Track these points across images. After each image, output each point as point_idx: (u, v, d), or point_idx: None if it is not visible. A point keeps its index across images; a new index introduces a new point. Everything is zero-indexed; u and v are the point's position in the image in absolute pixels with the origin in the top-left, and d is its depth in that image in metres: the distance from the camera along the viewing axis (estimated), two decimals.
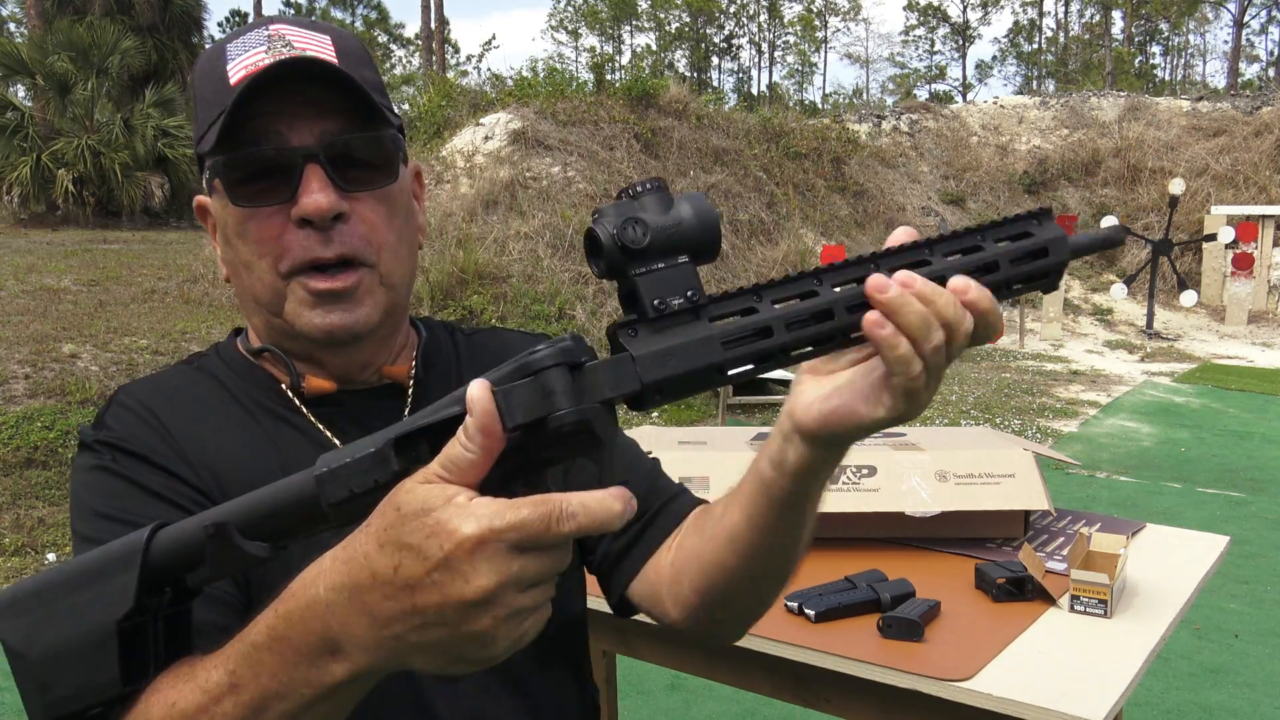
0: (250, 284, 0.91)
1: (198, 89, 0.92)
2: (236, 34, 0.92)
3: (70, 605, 0.65)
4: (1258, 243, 13.45)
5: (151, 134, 16.15)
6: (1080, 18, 51.56)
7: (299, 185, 0.86)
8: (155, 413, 0.90)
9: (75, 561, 0.67)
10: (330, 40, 0.92)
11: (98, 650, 0.64)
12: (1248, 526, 5.22)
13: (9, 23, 34.78)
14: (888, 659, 1.57)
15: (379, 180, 0.91)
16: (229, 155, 0.86)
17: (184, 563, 0.64)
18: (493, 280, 9.00)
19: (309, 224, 0.87)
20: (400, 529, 0.55)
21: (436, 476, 0.55)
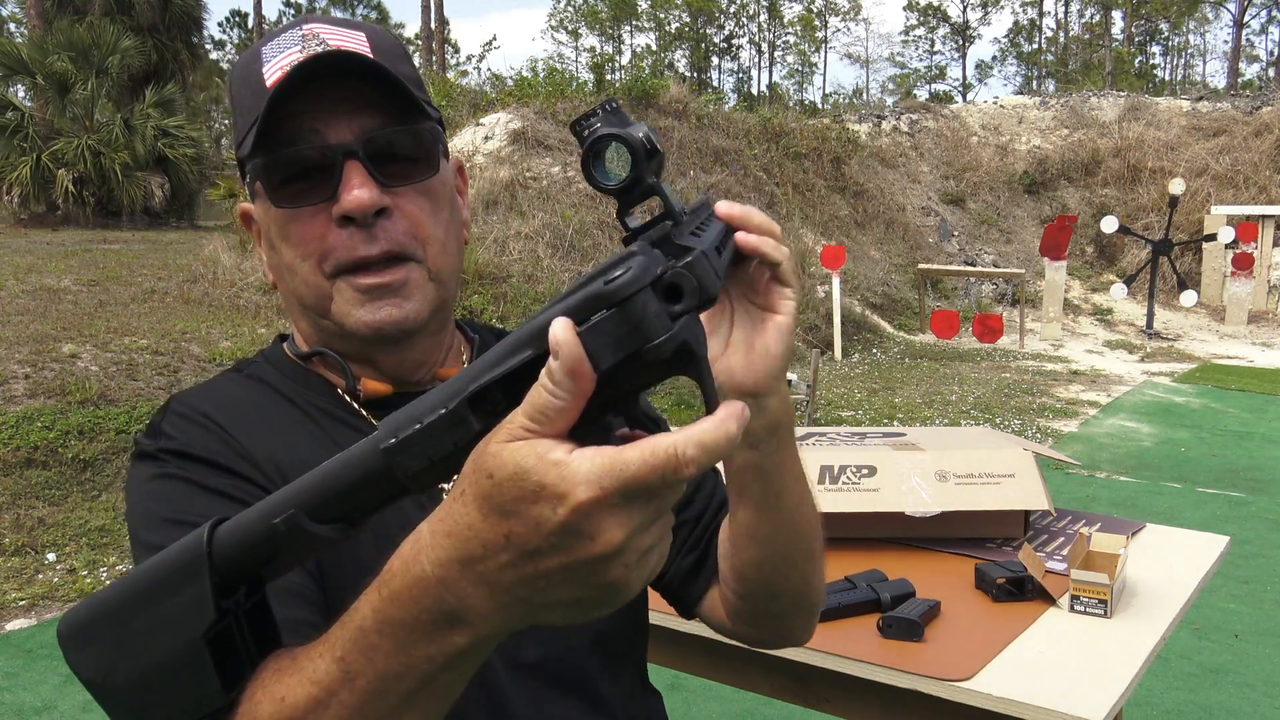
0: (295, 286, 0.90)
1: (235, 94, 0.91)
2: (271, 35, 0.91)
3: (143, 625, 0.61)
4: (1258, 243, 13.46)
5: (151, 134, 16.15)
6: (1080, 18, 51.60)
7: (339, 183, 0.85)
8: (214, 419, 0.88)
9: (134, 574, 0.63)
10: (365, 37, 0.91)
11: (189, 666, 0.61)
12: (1248, 526, 5.23)
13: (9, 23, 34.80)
14: (888, 659, 1.57)
15: (420, 173, 0.90)
16: (267, 157, 0.85)
17: (254, 558, 0.60)
18: (493, 280, 9.00)
19: (351, 221, 0.86)
20: (499, 496, 0.52)
21: (524, 431, 0.51)
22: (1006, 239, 15.34)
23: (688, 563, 1.03)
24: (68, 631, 0.64)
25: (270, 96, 0.83)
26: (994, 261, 14.67)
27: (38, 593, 4.37)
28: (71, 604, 4.52)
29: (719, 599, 1.00)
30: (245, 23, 50.57)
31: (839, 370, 10.06)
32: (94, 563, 4.67)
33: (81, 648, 0.63)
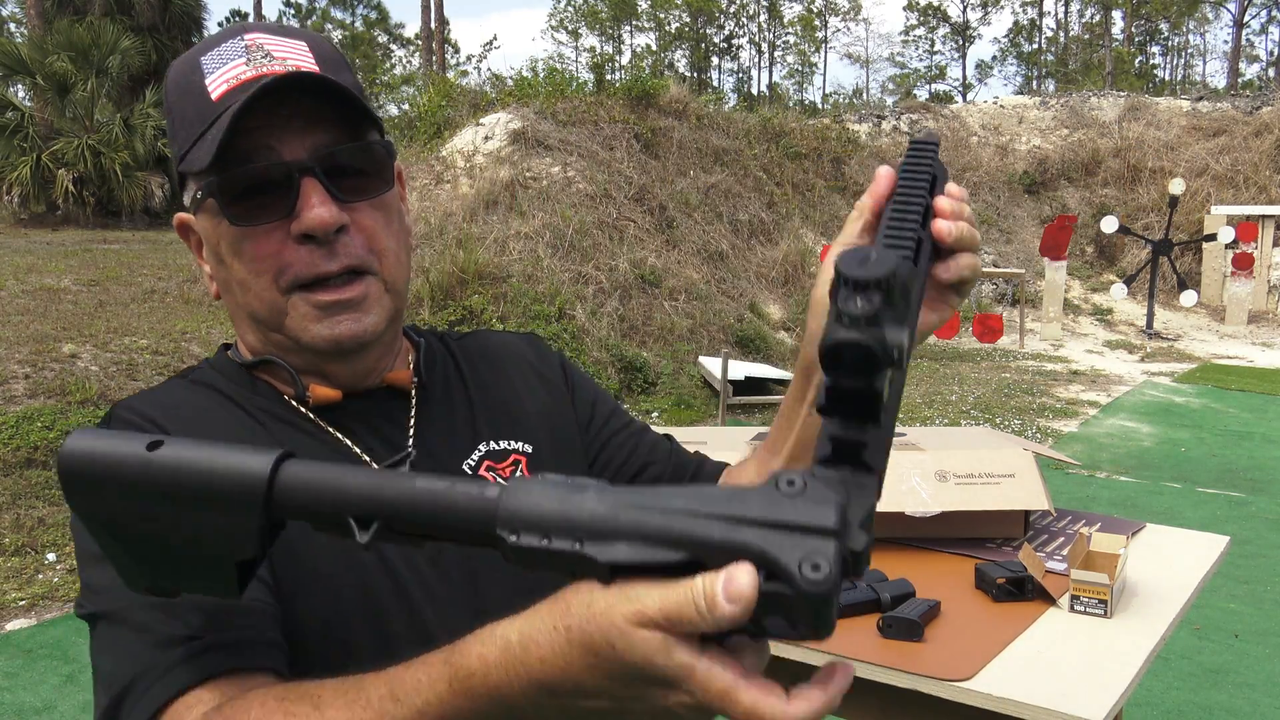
0: (247, 301, 0.90)
1: (173, 104, 0.89)
2: (208, 44, 0.90)
3: (177, 517, 0.62)
4: (1258, 243, 13.45)
5: (151, 134, 16.15)
6: (1080, 18, 51.60)
7: (297, 200, 0.85)
8: (159, 424, 0.88)
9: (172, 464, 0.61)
10: (308, 47, 0.90)
11: (213, 573, 0.64)
12: (1248, 526, 5.23)
13: (9, 23, 34.79)
14: (888, 659, 1.57)
15: (375, 188, 0.90)
16: (222, 175, 0.85)
17: (302, 515, 0.61)
18: (493, 280, 9.00)
19: (311, 239, 0.86)
20: (616, 667, 0.53)
21: (656, 624, 0.52)
22: (1006, 239, 15.35)
23: None
24: (77, 471, 0.62)
25: (230, 119, 0.81)
26: (994, 261, 14.68)
27: (38, 593, 4.37)
28: (71, 603, 4.47)
29: None
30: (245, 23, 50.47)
31: None
32: None
33: (91, 493, 0.63)
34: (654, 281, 10.02)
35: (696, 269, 10.74)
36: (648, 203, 11.16)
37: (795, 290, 11.70)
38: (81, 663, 3.73)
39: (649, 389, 8.57)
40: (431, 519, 0.58)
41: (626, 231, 10.55)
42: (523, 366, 1.08)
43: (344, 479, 0.60)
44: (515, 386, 1.06)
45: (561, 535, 0.54)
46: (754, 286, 11.44)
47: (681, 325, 9.60)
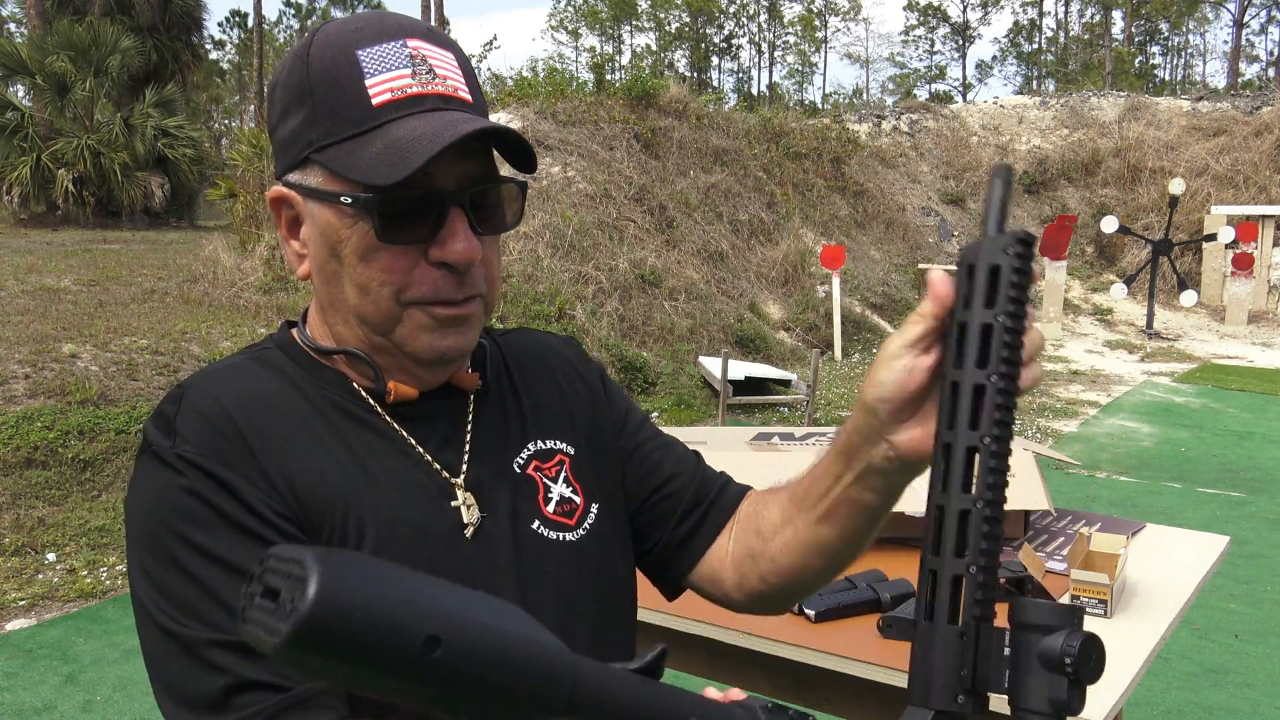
0: (360, 304, 0.91)
1: (316, 86, 0.88)
2: (364, 37, 0.89)
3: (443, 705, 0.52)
4: (1258, 243, 13.46)
5: (151, 134, 16.16)
6: (1080, 18, 51.60)
7: (443, 229, 0.87)
8: (234, 420, 0.87)
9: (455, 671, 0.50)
10: (456, 62, 0.92)
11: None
12: (1248, 526, 5.23)
13: (9, 23, 34.80)
14: (888, 659, 1.57)
15: (505, 225, 0.94)
16: (384, 194, 0.86)
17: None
18: None
19: (447, 266, 0.89)
20: None
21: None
22: None
23: (682, 531, 1.08)
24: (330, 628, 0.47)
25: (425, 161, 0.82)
26: None
27: (38, 593, 4.37)
28: (71, 603, 4.46)
29: (724, 569, 1.06)
30: (245, 23, 50.54)
31: (839, 370, 10.07)
32: (94, 563, 4.67)
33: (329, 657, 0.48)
34: (654, 281, 10.02)
35: (696, 269, 10.74)
36: (648, 203, 11.16)
37: (795, 290, 11.70)
38: (81, 663, 3.73)
39: (649, 389, 8.57)
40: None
41: (626, 231, 10.55)
42: (565, 368, 1.10)
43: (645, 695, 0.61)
44: (560, 387, 1.08)
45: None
46: (754, 286, 11.44)
47: (681, 325, 9.60)
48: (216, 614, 0.79)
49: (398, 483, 0.91)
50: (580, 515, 1.00)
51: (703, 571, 1.07)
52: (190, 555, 0.81)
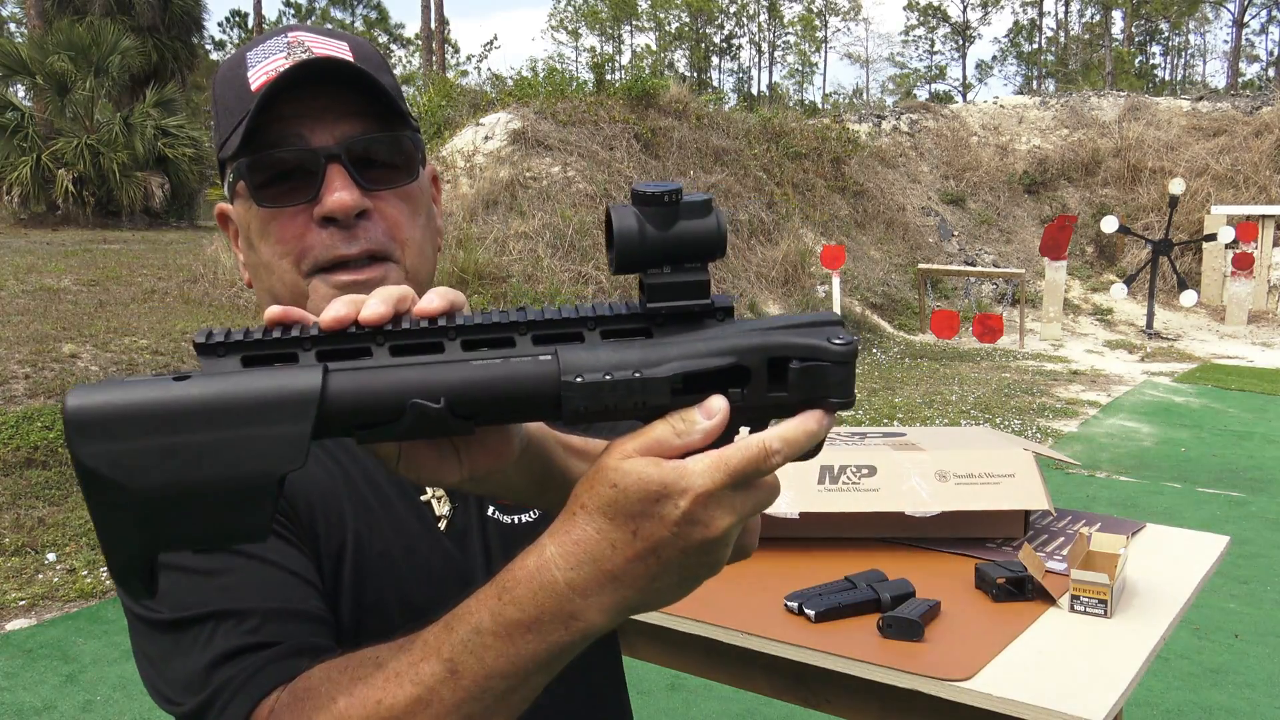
0: (271, 284, 0.92)
1: (219, 96, 0.94)
2: (256, 42, 0.94)
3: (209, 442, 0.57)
4: (1258, 243, 13.45)
5: (151, 134, 16.15)
6: (1080, 18, 51.59)
7: (322, 185, 0.88)
8: None
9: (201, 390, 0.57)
10: (348, 47, 0.94)
11: (247, 498, 0.58)
12: (1248, 526, 5.23)
13: (9, 23, 34.79)
14: (888, 659, 1.57)
15: (400, 179, 0.92)
16: (252, 158, 0.88)
17: (360, 418, 0.60)
18: (493, 280, 9.00)
19: (332, 222, 0.88)
20: (624, 501, 0.61)
21: (637, 454, 0.61)
22: (1006, 239, 15.35)
23: None
24: (85, 414, 0.56)
25: (259, 99, 0.85)
26: (994, 261, 14.68)
27: (38, 593, 4.37)
28: (71, 603, 4.46)
29: None
30: (245, 23, 50.54)
31: None
32: (94, 562, 4.67)
33: (102, 438, 0.56)
34: None
35: None
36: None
37: (795, 290, 11.70)
38: (81, 663, 3.73)
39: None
40: (495, 391, 0.61)
41: None
42: None
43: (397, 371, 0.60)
44: None
45: (620, 370, 0.62)
46: (754, 286, 11.44)
47: None
48: (190, 592, 0.79)
49: (369, 481, 0.93)
50: None
51: None
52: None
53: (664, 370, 0.62)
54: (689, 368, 0.62)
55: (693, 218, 0.63)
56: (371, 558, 0.90)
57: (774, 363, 0.64)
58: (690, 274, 0.64)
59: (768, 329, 0.64)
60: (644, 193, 0.63)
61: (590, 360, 0.62)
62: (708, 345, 0.63)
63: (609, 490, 0.61)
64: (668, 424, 0.62)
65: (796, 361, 0.63)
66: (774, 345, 0.64)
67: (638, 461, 0.61)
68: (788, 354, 0.63)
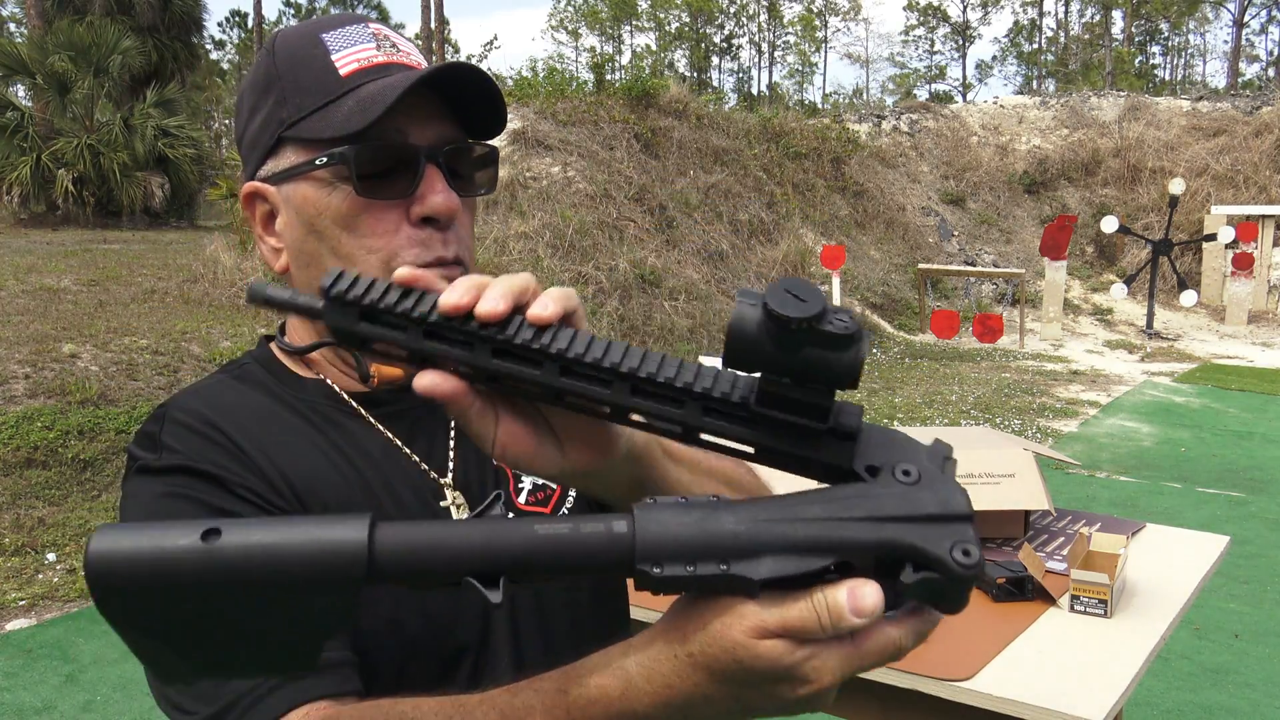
0: None
1: (284, 71, 0.90)
2: (326, 24, 0.92)
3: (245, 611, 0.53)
4: (1258, 243, 13.45)
5: (152, 134, 16.15)
6: (1080, 18, 51.59)
7: (420, 183, 0.87)
8: (218, 426, 0.87)
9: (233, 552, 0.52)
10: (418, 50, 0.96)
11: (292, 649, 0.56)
12: (1248, 526, 5.23)
13: (9, 23, 34.80)
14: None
15: (479, 189, 0.94)
16: (363, 145, 0.85)
17: (404, 580, 0.55)
18: None
19: (431, 223, 0.88)
20: (744, 676, 0.56)
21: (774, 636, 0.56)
22: (1006, 239, 15.35)
23: None
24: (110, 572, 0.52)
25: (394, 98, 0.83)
26: (994, 261, 14.68)
27: (38, 593, 4.37)
28: (71, 603, 4.45)
29: None
30: (245, 23, 50.54)
31: None
32: None
33: (129, 599, 0.52)
34: (654, 281, 10.02)
35: (696, 269, 10.74)
36: (648, 203, 11.16)
37: None
38: (81, 663, 3.73)
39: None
40: (561, 565, 0.55)
41: (626, 231, 10.55)
42: None
43: (451, 537, 0.55)
44: None
45: (706, 560, 0.54)
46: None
47: (681, 325, 9.60)
48: None
49: (387, 485, 0.91)
50: (556, 502, 0.97)
51: None
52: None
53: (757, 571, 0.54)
54: (785, 571, 0.54)
55: (829, 349, 0.54)
56: None
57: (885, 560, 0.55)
58: (812, 395, 0.56)
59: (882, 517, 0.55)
60: (775, 313, 0.53)
61: (672, 538, 0.54)
62: (808, 535, 0.55)
63: (731, 662, 0.56)
64: (814, 612, 0.55)
65: (910, 569, 0.54)
66: (889, 544, 0.54)
67: (776, 646, 0.55)
68: (903, 556, 0.54)
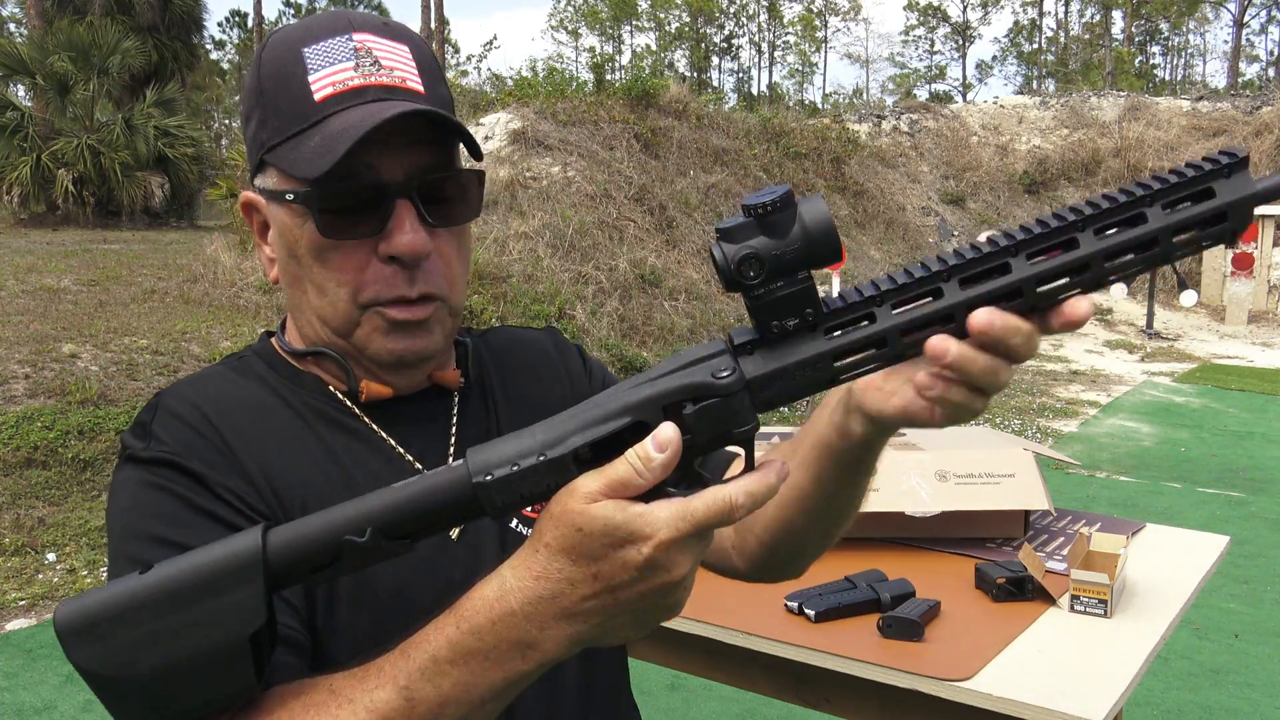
0: (320, 305, 0.90)
1: (266, 87, 0.88)
2: (310, 33, 0.88)
3: (178, 623, 0.64)
4: (1258, 243, 13.45)
5: (152, 134, 16.14)
6: (1080, 17, 51.59)
7: (390, 221, 0.85)
8: (210, 419, 0.87)
9: (160, 576, 0.65)
10: (410, 54, 0.90)
11: (227, 663, 0.65)
12: (1248, 526, 5.22)
13: (9, 23, 34.79)
14: (888, 659, 1.57)
15: (462, 216, 0.91)
16: (323, 190, 0.84)
17: (307, 566, 0.65)
18: (493, 280, 8.99)
19: (397, 261, 0.87)
20: (588, 545, 0.63)
21: (603, 496, 0.63)
22: None
23: None
24: (72, 624, 0.63)
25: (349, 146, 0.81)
26: None
27: (38, 593, 4.37)
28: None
29: (727, 539, 1.03)
30: (245, 23, 50.52)
31: None
32: (94, 563, 4.67)
33: (91, 642, 0.63)
34: (654, 281, 10.02)
35: (696, 269, 10.74)
36: (648, 203, 11.16)
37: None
38: None
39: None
40: (418, 509, 0.65)
41: (626, 231, 10.55)
42: (546, 360, 1.09)
43: (327, 514, 0.66)
44: (542, 380, 1.07)
45: (526, 457, 0.65)
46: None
47: (681, 325, 9.60)
48: None
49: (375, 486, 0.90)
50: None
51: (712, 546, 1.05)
52: (151, 548, 0.79)
53: (566, 448, 0.64)
54: (589, 438, 0.65)
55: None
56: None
57: (671, 409, 0.65)
58: None
59: (655, 378, 0.66)
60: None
61: (497, 453, 0.65)
62: (603, 410, 0.65)
63: (574, 533, 0.63)
64: (627, 463, 0.63)
65: (690, 405, 0.65)
66: (664, 394, 0.65)
67: (605, 506, 0.62)
68: (679, 398, 0.65)
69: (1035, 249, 0.65)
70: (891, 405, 0.74)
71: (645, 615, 0.66)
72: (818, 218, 0.65)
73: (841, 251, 0.67)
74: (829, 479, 0.86)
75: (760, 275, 0.65)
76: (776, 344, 0.67)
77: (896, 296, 0.67)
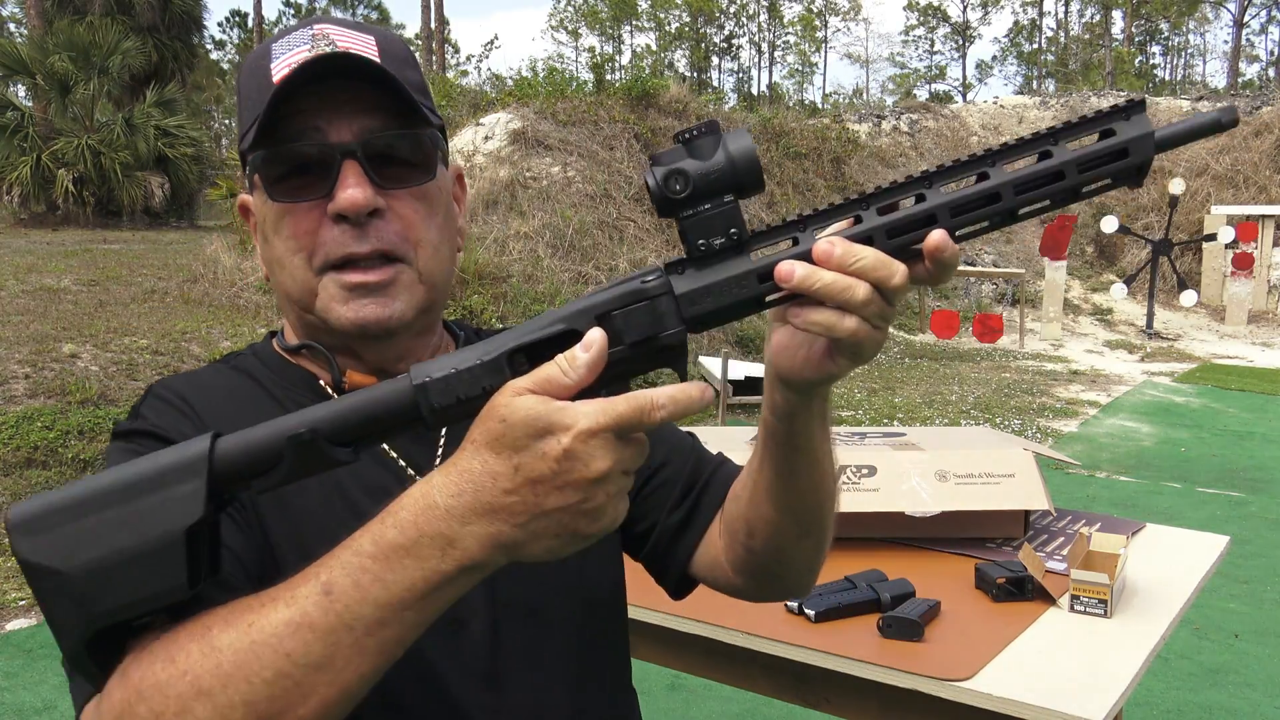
0: (283, 280, 0.92)
1: (242, 88, 0.92)
2: (282, 33, 0.93)
3: (120, 515, 0.65)
4: (1258, 243, 13.45)
5: (152, 134, 16.15)
6: (1080, 18, 51.60)
7: (336, 181, 0.87)
8: (191, 404, 0.91)
9: (110, 475, 0.67)
10: (374, 40, 0.93)
11: (160, 557, 0.65)
12: (1248, 526, 5.22)
13: (9, 23, 34.79)
14: (888, 659, 1.57)
15: (417, 178, 0.91)
16: (267, 151, 0.87)
17: (253, 468, 0.67)
18: (493, 280, 8.99)
19: (345, 220, 0.87)
20: (510, 435, 0.64)
21: (529, 392, 0.64)
22: (1006, 239, 15.35)
23: (675, 519, 1.04)
24: (21, 518, 0.66)
25: (274, 92, 0.84)
26: (994, 261, 14.67)
27: None
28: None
29: (720, 550, 1.02)
30: (245, 23, 50.56)
31: None
32: None
33: (36, 533, 0.66)
34: None
35: None
36: (648, 203, 11.16)
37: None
38: None
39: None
40: (361, 415, 0.68)
41: (626, 231, 10.55)
42: None
43: (275, 422, 0.68)
44: None
45: (464, 362, 0.68)
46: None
47: None
48: None
49: (362, 483, 0.91)
50: None
51: (703, 560, 1.04)
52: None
53: (500, 349, 0.68)
54: (523, 341, 0.68)
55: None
56: None
57: (603, 319, 0.69)
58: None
59: (593, 294, 0.70)
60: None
61: (438, 365, 0.68)
62: (538, 323, 0.69)
63: (497, 425, 0.64)
64: (555, 363, 0.66)
65: (619, 311, 0.69)
66: (595, 305, 0.69)
67: (528, 399, 0.64)
68: (610, 308, 0.69)
69: (949, 180, 0.70)
70: (797, 360, 0.76)
71: (567, 521, 0.64)
72: (741, 145, 0.69)
73: (762, 179, 0.70)
74: (780, 460, 0.86)
75: (686, 190, 0.68)
76: (706, 264, 0.70)
77: (819, 222, 0.71)
